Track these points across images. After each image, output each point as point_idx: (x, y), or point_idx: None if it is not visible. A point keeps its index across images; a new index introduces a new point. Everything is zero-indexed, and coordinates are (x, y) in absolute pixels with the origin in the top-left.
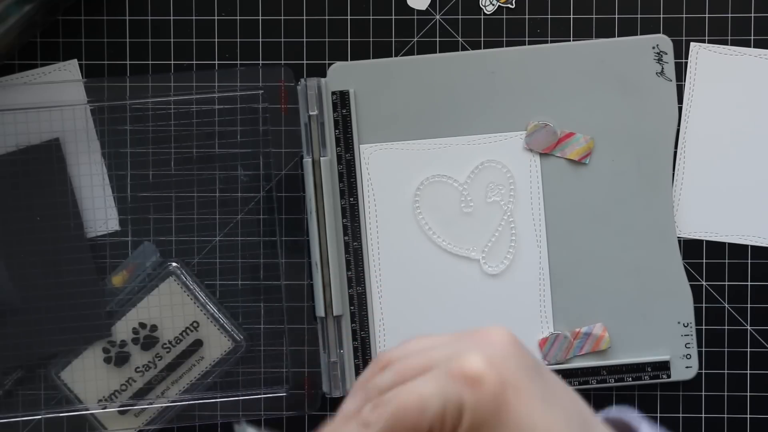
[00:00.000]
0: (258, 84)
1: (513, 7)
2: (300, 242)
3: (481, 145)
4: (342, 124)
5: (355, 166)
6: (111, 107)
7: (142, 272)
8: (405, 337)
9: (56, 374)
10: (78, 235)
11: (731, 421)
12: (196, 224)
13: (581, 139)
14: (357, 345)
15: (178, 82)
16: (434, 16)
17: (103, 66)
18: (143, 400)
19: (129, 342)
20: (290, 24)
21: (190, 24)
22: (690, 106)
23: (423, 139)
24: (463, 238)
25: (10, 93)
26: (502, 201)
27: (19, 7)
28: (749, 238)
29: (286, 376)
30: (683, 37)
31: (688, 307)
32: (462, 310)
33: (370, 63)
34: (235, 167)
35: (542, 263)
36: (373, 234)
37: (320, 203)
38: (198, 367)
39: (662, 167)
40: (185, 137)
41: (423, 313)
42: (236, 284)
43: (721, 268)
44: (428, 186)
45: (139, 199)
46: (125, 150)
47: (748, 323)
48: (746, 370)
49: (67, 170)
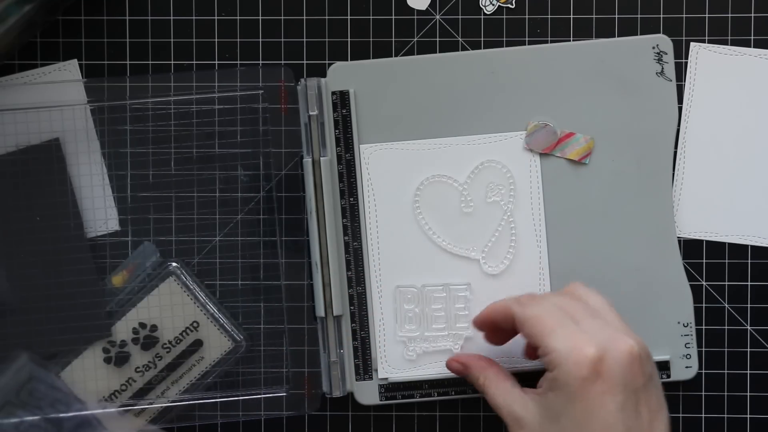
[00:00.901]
0: (258, 84)
1: (513, 7)
2: (300, 242)
3: (481, 145)
4: (342, 124)
5: (355, 166)
6: (111, 107)
7: (142, 272)
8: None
9: (56, 374)
10: (78, 235)
11: (731, 421)
12: (196, 224)
13: (581, 139)
14: (357, 345)
15: (178, 82)
16: (434, 16)
17: (103, 66)
18: (143, 400)
19: (129, 342)
20: (290, 24)
21: (190, 24)
22: (690, 106)
23: (423, 139)
24: (463, 238)
25: (10, 93)
26: (502, 201)
27: (19, 7)
28: (749, 238)
29: (286, 376)
30: (683, 37)
31: (688, 307)
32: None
33: (370, 63)
34: (235, 167)
35: (542, 263)
36: (373, 234)
37: (320, 203)
38: (198, 367)
39: (662, 167)
40: (185, 137)
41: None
42: (236, 284)
43: (721, 268)
44: (428, 186)
45: (139, 199)
46: (125, 150)
47: (748, 323)
48: (746, 370)
49: (67, 170)
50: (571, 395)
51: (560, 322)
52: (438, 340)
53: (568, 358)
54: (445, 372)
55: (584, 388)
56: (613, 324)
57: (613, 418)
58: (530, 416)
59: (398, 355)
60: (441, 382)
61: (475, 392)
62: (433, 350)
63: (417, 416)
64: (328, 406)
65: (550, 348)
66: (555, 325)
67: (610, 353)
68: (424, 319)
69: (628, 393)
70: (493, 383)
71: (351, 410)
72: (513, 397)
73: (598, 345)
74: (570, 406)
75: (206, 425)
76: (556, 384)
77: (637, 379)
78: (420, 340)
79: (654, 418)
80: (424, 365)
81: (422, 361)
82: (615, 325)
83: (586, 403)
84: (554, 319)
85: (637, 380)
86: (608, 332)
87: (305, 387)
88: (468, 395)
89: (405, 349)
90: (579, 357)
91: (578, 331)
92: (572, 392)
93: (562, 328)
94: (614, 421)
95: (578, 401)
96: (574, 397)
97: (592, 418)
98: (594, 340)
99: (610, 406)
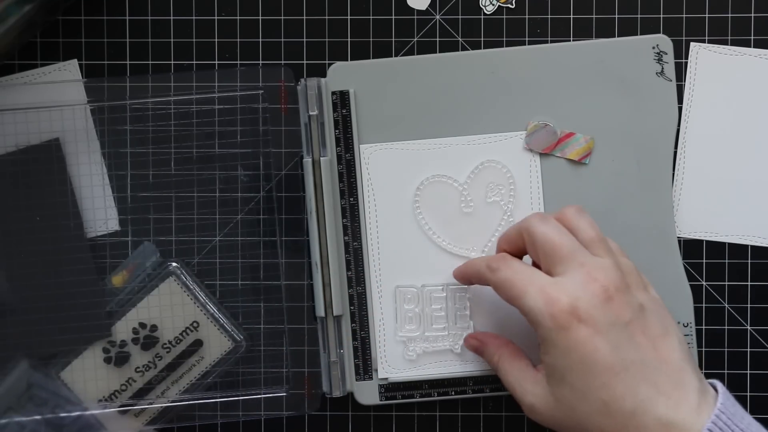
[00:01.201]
0: (258, 84)
1: (513, 7)
2: (300, 242)
3: (481, 145)
4: (342, 124)
5: (355, 166)
6: (111, 107)
7: (142, 272)
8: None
9: (56, 374)
10: (78, 235)
11: None
12: (196, 224)
13: (581, 139)
14: (357, 345)
15: (178, 82)
16: (434, 16)
17: (103, 66)
18: (143, 400)
19: (129, 342)
20: (290, 24)
21: (190, 24)
22: (690, 106)
23: (423, 139)
24: (463, 238)
25: (10, 93)
26: (502, 201)
27: (19, 7)
28: (749, 238)
29: (286, 376)
30: (683, 37)
31: (688, 307)
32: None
33: (370, 63)
34: (235, 167)
35: None
36: (373, 234)
37: (320, 203)
38: (198, 367)
39: (662, 167)
40: (185, 137)
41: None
42: (236, 284)
43: (721, 268)
44: (428, 186)
45: (139, 199)
46: (125, 150)
47: (748, 323)
48: (746, 370)
49: (67, 170)
50: (563, 349)
51: (530, 279)
52: (438, 340)
53: (544, 314)
54: (445, 372)
55: (570, 338)
56: (598, 258)
57: (610, 357)
58: (541, 390)
59: (398, 355)
60: (441, 382)
61: (475, 392)
62: (433, 350)
63: (417, 416)
64: (328, 406)
65: (527, 309)
66: (526, 284)
67: (583, 297)
68: (425, 319)
69: (617, 329)
70: (506, 362)
71: (351, 410)
72: (525, 375)
73: (569, 293)
74: (566, 359)
75: (206, 425)
76: (546, 344)
77: (623, 313)
78: (420, 340)
79: (657, 343)
80: (424, 365)
81: (422, 361)
82: (599, 259)
83: (578, 351)
84: (524, 279)
85: (622, 315)
86: (580, 275)
87: (305, 387)
88: (468, 395)
89: (405, 349)
90: (553, 310)
91: (549, 284)
92: (562, 346)
93: (532, 286)
94: (612, 359)
95: (571, 352)
96: (566, 349)
97: (590, 364)
98: (564, 289)
99: (602, 346)
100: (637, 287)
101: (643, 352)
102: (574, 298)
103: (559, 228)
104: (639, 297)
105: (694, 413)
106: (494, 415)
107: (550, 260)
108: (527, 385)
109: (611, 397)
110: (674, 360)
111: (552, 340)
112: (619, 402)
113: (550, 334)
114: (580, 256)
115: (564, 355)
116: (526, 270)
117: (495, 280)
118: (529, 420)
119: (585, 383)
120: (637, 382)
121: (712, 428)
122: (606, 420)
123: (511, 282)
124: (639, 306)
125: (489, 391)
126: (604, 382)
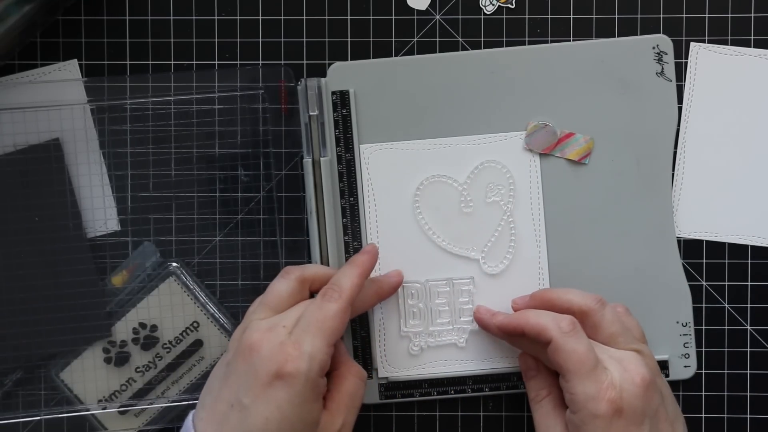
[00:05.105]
0: (258, 84)
1: (513, 7)
2: (300, 242)
3: (481, 145)
4: (342, 124)
5: (355, 166)
6: (111, 107)
7: (142, 272)
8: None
9: (56, 374)
10: (78, 235)
11: (731, 421)
12: (196, 224)
13: (581, 139)
14: (357, 345)
15: (178, 82)
16: (434, 16)
17: (103, 66)
18: (143, 400)
19: (129, 342)
20: (290, 24)
21: (190, 24)
22: (690, 106)
23: (423, 139)
24: (463, 238)
25: (10, 93)
26: (501, 201)
27: (19, 7)
28: (749, 238)
29: None
30: (683, 37)
31: (687, 306)
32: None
33: (370, 63)
34: (235, 167)
35: (542, 263)
36: (373, 234)
37: (320, 203)
38: (198, 367)
39: (662, 167)
40: (185, 137)
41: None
42: (236, 284)
43: (721, 268)
44: (428, 186)
45: (139, 199)
46: (125, 150)
47: (748, 323)
48: (746, 370)
49: (67, 170)
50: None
51: (594, 365)
52: (442, 335)
53: (588, 404)
54: (445, 371)
55: (608, 429)
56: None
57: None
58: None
59: (399, 353)
60: (441, 381)
61: (475, 391)
62: (437, 344)
63: (417, 416)
64: None
65: (577, 390)
66: (590, 369)
67: (627, 389)
68: (428, 314)
69: (648, 418)
70: (549, 406)
71: None
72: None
73: (615, 386)
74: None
75: None
76: (581, 427)
77: (653, 401)
78: (425, 335)
79: (674, 428)
80: (425, 363)
81: (425, 357)
82: (629, 353)
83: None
84: (590, 362)
85: (653, 402)
86: (623, 365)
87: None
88: (468, 394)
89: (410, 343)
90: (599, 405)
91: (602, 374)
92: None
93: (593, 373)
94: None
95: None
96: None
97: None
98: (612, 381)
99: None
100: (657, 374)
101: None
102: (619, 390)
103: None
104: (660, 379)
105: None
106: (494, 414)
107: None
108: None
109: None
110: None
111: (593, 425)
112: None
113: (589, 421)
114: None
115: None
116: (593, 355)
117: (564, 346)
118: (529, 420)
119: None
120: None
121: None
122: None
123: (581, 358)
124: (660, 390)
125: (489, 390)
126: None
